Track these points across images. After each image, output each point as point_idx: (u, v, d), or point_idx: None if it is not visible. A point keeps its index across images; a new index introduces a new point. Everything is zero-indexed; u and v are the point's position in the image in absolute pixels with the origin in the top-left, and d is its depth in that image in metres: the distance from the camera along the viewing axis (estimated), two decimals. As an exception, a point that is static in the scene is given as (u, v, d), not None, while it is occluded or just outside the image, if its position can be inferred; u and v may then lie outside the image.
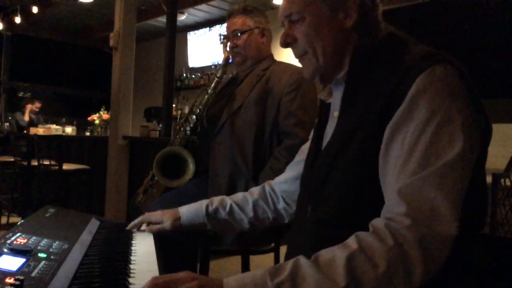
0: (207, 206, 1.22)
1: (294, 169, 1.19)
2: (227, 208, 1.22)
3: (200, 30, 6.91)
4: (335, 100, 0.94)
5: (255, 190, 1.26)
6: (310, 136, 1.13)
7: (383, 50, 0.87)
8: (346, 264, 0.66)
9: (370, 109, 0.80)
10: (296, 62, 1.03)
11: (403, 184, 0.71)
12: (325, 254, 0.70)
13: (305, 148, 1.14)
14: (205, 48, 6.85)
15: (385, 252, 0.66)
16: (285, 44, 0.96)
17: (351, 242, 0.70)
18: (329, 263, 0.68)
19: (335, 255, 0.68)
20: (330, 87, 0.97)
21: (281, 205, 1.21)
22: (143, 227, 1.23)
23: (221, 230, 1.33)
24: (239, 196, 1.26)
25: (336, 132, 0.89)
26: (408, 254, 0.66)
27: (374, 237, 0.68)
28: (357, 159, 0.79)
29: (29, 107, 6.47)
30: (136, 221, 1.23)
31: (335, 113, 0.93)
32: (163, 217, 1.21)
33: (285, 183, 1.21)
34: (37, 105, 6.55)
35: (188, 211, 1.22)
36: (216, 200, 1.24)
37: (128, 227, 1.21)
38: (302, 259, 0.70)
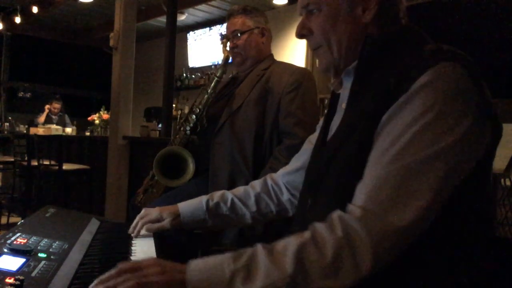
0: (207, 201, 1.18)
1: (299, 159, 1.16)
2: (229, 203, 1.18)
3: (200, 30, 6.91)
4: (345, 91, 0.93)
5: (256, 184, 1.23)
6: (319, 125, 1.10)
7: (394, 43, 0.85)
8: (295, 253, 0.67)
9: (373, 102, 0.78)
10: (295, 62, 1.02)
11: (371, 175, 0.72)
12: (281, 242, 0.71)
13: (313, 138, 1.11)
14: (205, 48, 6.85)
15: (333, 242, 0.67)
16: (300, 36, 0.94)
17: (306, 231, 0.71)
18: (281, 251, 0.69)
19: (289, 243, 0.70)
20: (340, 78, 0.95)
21: (285, 197, 1.18)
22: (143, 231, 1.16)
23: (221, 227, 1.28)
24: (240, 190, 1.22)
25: (341, 124, 0.88)
26: (356, 245, 0.66)
27: (326, 228, 0.70)
28: (357, 151, 0.78)
29: (47, 107, 6.47)
30: (135, 222, 1.17)
31: (343, 105, 0.91)
32: (162, 214, 1.17)
33: (290, 174, 1.18)
34: (54, 105, 6.53)
35: (188, 207, 1.18)
36: (216, 195, 1.20)
37: (130, 231, 1.16)
38: (259, 247, 0.71)
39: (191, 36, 7.05)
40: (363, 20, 0.87)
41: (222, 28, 6.36)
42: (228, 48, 1.86)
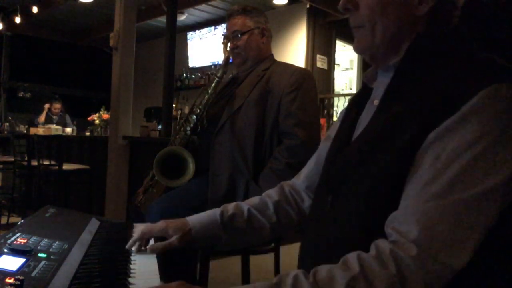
0: (221, 214, 1.03)
1: (313, 161, 1.07)
2: (245, 214, 1.04)
3: (200, 30, 6.91)
4: (379, 86, 0.87)
5: (272, 192, 1.10)
6: (341, 118, 1.02)
7: (445, 47, 0.79)
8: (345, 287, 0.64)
9: (417, 108, 0.72)
10: (296, 63, 0.99)
11: (422, 205, 0.67)
12: (324, 273, 0.68)
13: (332, 133, 1.02)
14: (205, 48, 6.85)
15: (386, 279, 0.64)
16: (344, 9, 0.86)
17: (353, 263, 0.67)
18: (328, 284, 0.66)
19: (335, 276, 0.66)
20: (376, 70, 0.89)
21: (307, 203, 1.07)
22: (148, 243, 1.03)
23: (235, 243, 1.11)
24: (255, 200, 1.08)
25: (373, 122, 0.82)
26: (409, 284, 0.64)
27: (377, 262, 0.66)
28: (395, 162, 0.72)
29: (46, 107, 6.49)
30: (136, 236, 1.02)
31: (375, 101, 0.85)
32: (168, 230, 1.01)
33: (308, 178, 1.07)
34: (55, 105, 6.55)
35: (200, 221, 1.03)
36: (230, 206, 1.06)
37: (128, 246, 1.00)
38: (301, 277, 0.68)
39: (191, 36, 7.05)
40: (416, 12, 0.80)
41: (222, 28, 6.36)
42: (228, 49, 1.86)
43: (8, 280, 0.64)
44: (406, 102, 0.75)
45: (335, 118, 6.14)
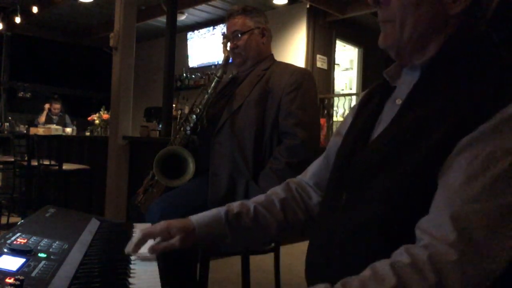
0: (226, 213, 0.99)
1: (323, 157, 1.05)
2: (251, 212, 1.00)
3: (200, 30, 6.92)
4: (402, 86, 0.85)
5: (278, 190, 1.06)
6: (352, 113, 1.00)
7: (482, 49, 0.78)
8: None
9: (447, 110, 0.71)
10: (296, 62, 0.97)
11: (459, 208, 0.65)
12: (355, 282, 0.65)
13: (342, 129, 1.00)
14: (205, 48, 6.86)
15: None
16: (375, 2, 0.84)
17: (387, 273, 0.64)
18: None
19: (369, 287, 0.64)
20: (399, 69, 0.87)
21: (314, 200, 1.04)
22: (144, 249, 0.96)
23: (241, 243, 1.07)
24: (261, 198, 1.05)
25: (396, 121, 0.80)
26: None
27: (415, 271, 0.63)
28: (421, 161, 0.70)
29: (46, 107, 6.51)
30: (136, 238, 0.95)
31: (397, 100, 0.83)
32: (171, 230, 0.96)
33: (317, 175, 1.05)
34: (54, 106, 6.56)
35: (204, 220, 0.98)
36: (235, 205, 1.02)
37: (127, 249, 0.94)
38: None
39: (191, 36, 7.05)
40: (449, 11, 0.78)
41: (222, 28, 6.37)
42: (228, 49, 1.86)
43: (8, 280, 0.64)
44: (434, 103, 0.74)
45: (335, 118, 6.15)
